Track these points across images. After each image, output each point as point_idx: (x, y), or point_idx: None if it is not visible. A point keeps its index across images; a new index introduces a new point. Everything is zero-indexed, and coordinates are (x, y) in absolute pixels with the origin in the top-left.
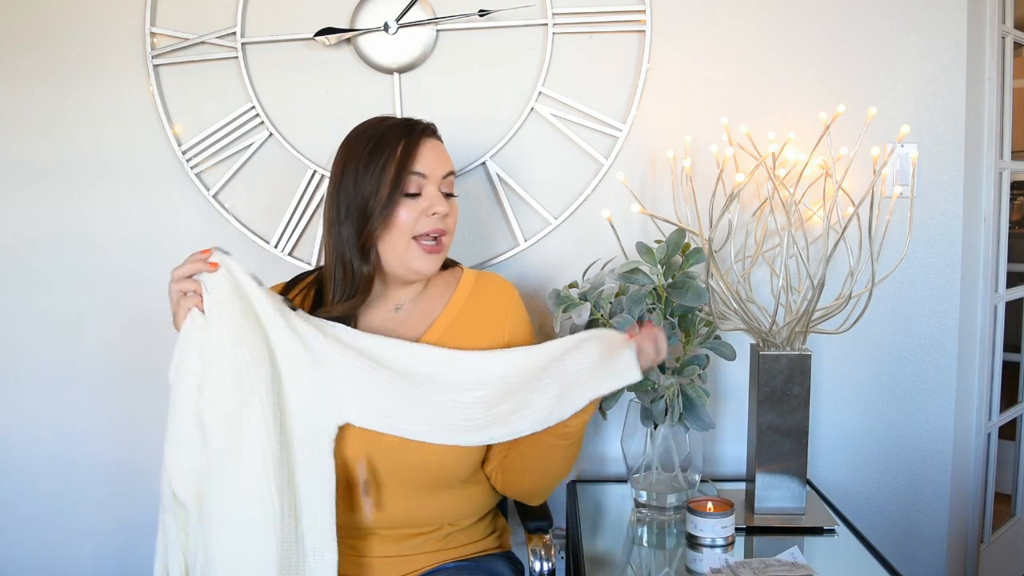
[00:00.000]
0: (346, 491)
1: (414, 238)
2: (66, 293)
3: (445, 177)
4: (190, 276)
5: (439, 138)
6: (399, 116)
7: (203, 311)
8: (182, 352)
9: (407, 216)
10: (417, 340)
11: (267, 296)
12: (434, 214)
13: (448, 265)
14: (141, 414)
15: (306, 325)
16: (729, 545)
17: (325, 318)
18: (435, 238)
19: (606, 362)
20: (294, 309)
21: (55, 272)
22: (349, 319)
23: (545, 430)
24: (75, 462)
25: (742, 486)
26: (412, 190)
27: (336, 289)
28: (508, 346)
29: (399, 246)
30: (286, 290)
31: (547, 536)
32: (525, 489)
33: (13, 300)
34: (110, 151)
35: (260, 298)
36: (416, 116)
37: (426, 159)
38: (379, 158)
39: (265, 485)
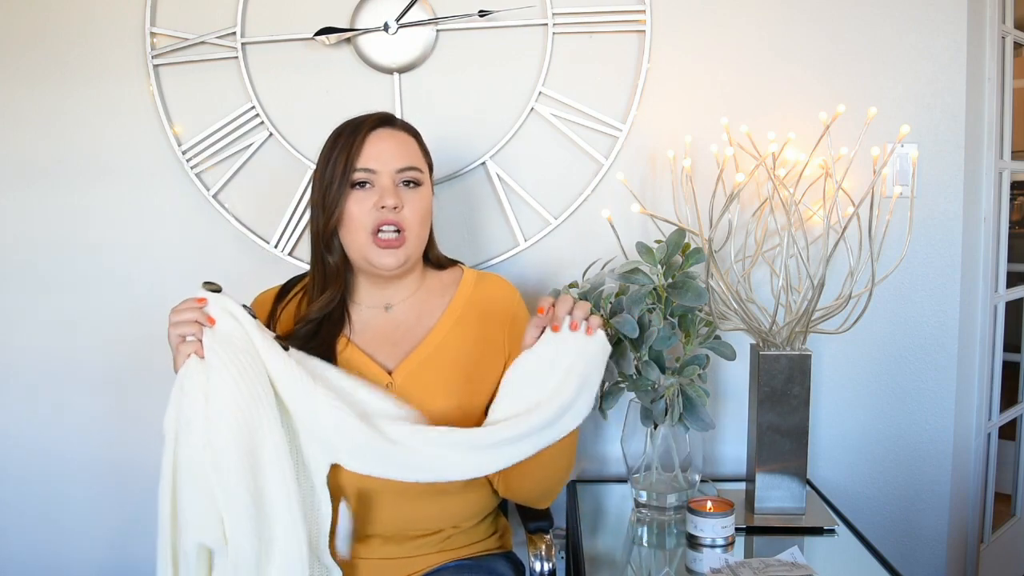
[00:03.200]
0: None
1: (373, 233)
2: (66, 293)
3: (401, 171)
4: (189, 320)
5: (401, 128)
6: (388, 113)
7: (202, 356)
8: (181, 402)
9: (357, 210)
10: (417, 344)
11: (260, 329)
12: (383, 207)
13: (447, 265)
14: (140, 414)
15: (300, 362)
16: (729, 545)
17: (314, 315)
18: (394, 232)
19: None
20: (286, 348)
21: (55, 272)
22: (340, 334)
23: None
24: (74, 462)
25: (742, 486)
26: (360, 180)
27: (315, 283)
28: (509, 347)
29: (358, 241)
30: (281, 294)
31: (548, 536)
32: (528, 494)
33: (13, 300)
34: (110, 151)
35: (256, 332)
36: (415, 114)
37: (373, 153)
38: (334, 153)
39: (293, 521)
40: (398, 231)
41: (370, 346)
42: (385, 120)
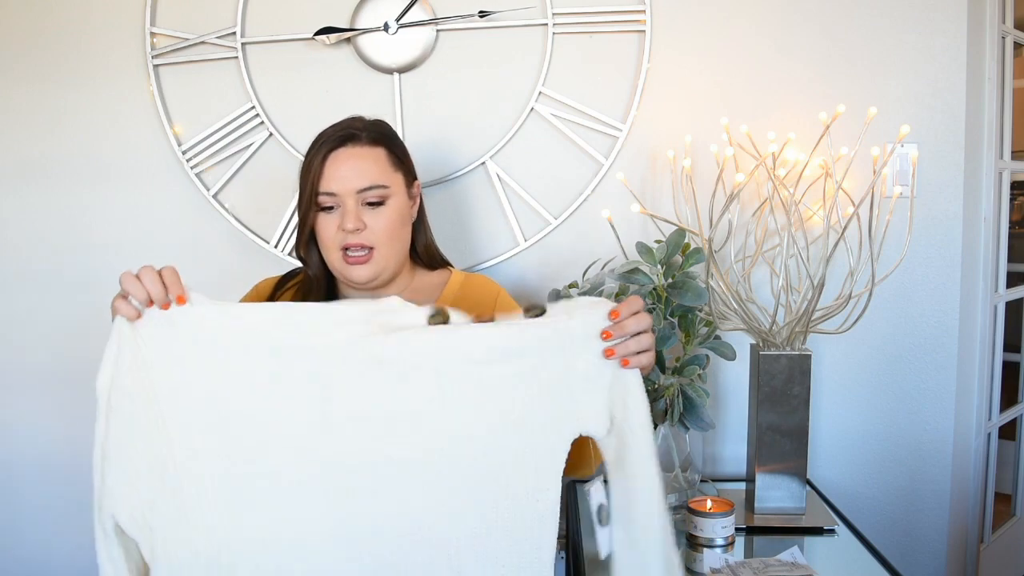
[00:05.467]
0: None
1: (342, 251)
2: (66, 293)
3: (363, 191)
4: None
5: (367, 141)
6: (368, 118)
7: (131, 321)
8: (115, 361)
9: (324, 231)
10: None
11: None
12: (343, 230)
13: (438, 266)
14: None
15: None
16: (729, 545)
17: None
18: (362, 251)
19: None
20: None
21: (55, 272)
22: None
23: None
24: (76, 463)
25: (742, 486)
26: (327, 205)
27: (305, 290)
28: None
29: (330, 257)
30: (278, 286)
31: None
32: None
33: (13, 300)
34: (110, 151)
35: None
36: (415, 114)
37: (334, 176)
38: (303, 171)
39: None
40: (366, 248)
41: None
42: (347, 138)
